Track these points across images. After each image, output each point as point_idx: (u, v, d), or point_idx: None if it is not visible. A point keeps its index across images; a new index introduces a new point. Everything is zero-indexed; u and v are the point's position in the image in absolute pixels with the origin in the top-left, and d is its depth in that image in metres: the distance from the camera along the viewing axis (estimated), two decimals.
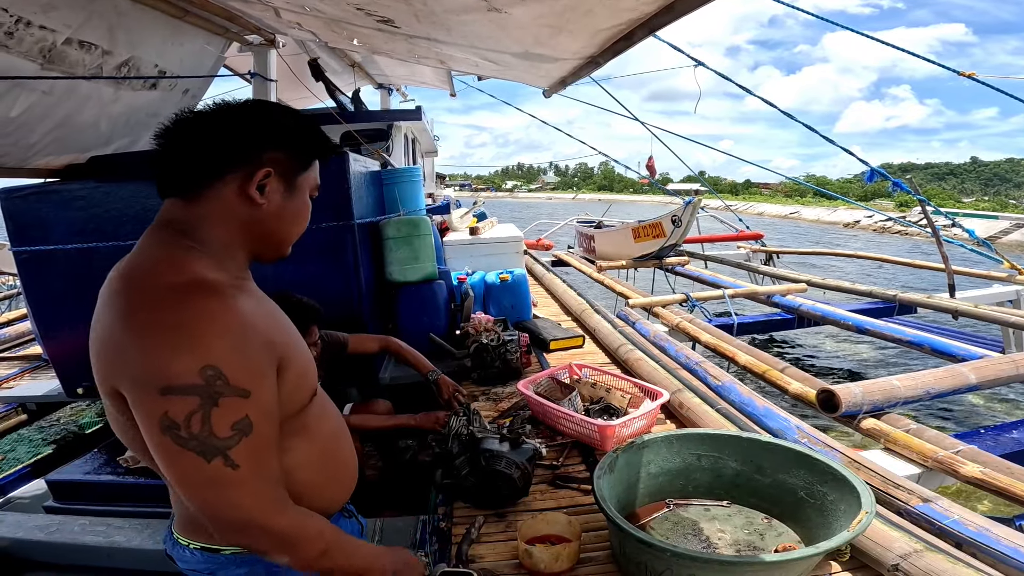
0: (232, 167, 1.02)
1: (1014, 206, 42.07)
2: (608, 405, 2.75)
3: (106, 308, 0.98)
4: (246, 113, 1.05)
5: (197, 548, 1.12)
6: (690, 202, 8.40)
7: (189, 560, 1.15)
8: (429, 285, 3.81)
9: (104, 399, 1.02)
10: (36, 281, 3.26)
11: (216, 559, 1.11)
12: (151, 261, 0.98)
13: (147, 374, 0.90)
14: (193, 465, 0.91)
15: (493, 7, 2.23)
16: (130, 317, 0.93)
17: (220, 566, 1.12)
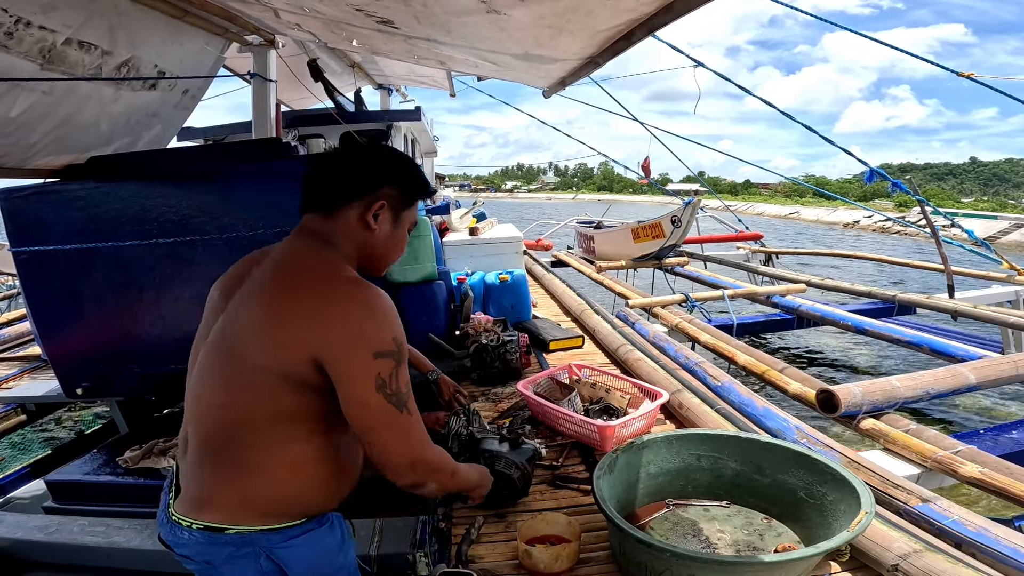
0: (358, 196, 1.28)
1: (1013, 206, 42.09)
2: (608, 405, 2.76)
3: (280, 289, 1.19)
4: (372, 154, 1.34)
5: (200, 528, 1.16)
6: (690, 202, 8.41)
7: (187, 542, 1.18)
8: (429, 285, 3.81)
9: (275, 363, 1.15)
10: (35, 281, 3.26)
11: (219, 538, 1.16)
12: (318, 259, 1.23)
13: (363, 340, 1.14)
14: (393, 415, 1.16)
15: (493, 9, 2.23)
16: (335, 299, 1.16)
17: (221, 545, 1.16)
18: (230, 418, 1.18)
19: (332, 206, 1.29)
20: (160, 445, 3.08)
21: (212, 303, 1.37)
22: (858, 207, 14.30)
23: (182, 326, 3.28)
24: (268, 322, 1.16)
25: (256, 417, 1.17)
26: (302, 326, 1.13)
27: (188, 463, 1.24)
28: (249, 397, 1.16)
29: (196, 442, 1.22)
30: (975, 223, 21.54)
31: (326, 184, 1.30)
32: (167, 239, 3.14)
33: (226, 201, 3.14)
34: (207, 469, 1.21)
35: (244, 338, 1.18)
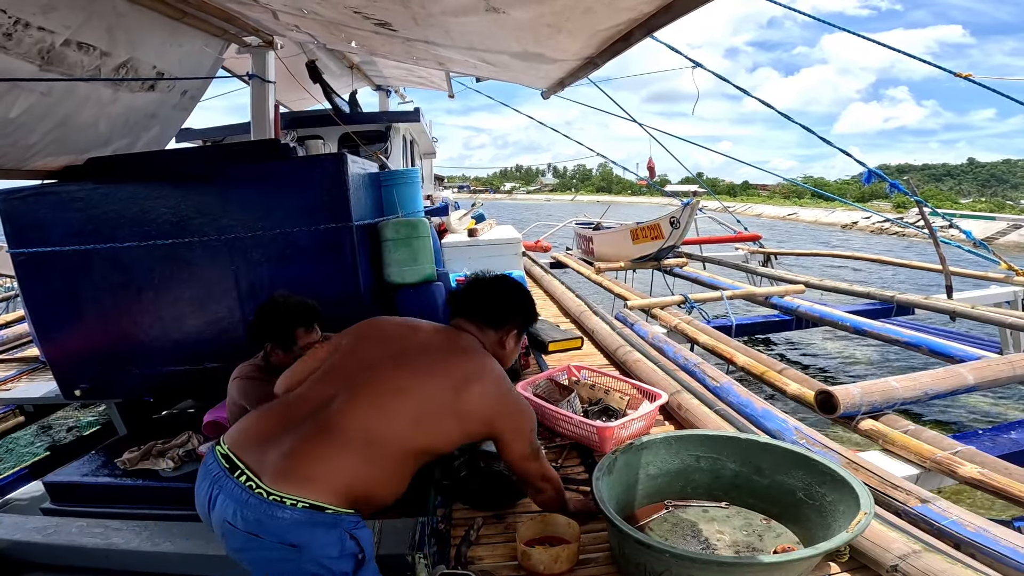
0: (503, 327, 1.85)
1: (1011, 207, 42.15)
2: (607, 407, 2.76)
3: (479, 384, 1.64)
4: (516, 294, 1.91)
5: (305, 506, 1.37)
6: (688, 203, 8.41)
7: (284, 520, 1.36)
8: (428, 287, 3.80)
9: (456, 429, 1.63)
10: (34, 283, 3.25)
11: (318, 516, 1.38)
12: (489, 359, 1.75)
13: (525, 423, 1.76)
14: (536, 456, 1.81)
15: (492, 7, 2.23)
16: (509, 396, 1.73)
17: (317, 524, 1.37)
18: (387, 436, 1.51)
19: (487, 324, 1.83)
20: (159, 446, 3.07)
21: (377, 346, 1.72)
22: (856, 208, 14.32)
23: (181, 327, 3.28)
24: (458, 391, 1.60)
25: (416, 447, 1.56)
26: (491, 414, 1.65)
27: (296, 445, 1.45)
28: (423, 434, 1.56)
29: (329, 435, 1.47)
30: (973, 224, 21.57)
31: (488, 311, 1.84)
32: (166, 240, 3.14)
33: (225, 202, 3.14)
34: (331, 458, 1.45)
35: (427, 390, 1.59)
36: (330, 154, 3.35)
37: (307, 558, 1.37)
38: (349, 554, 1.41)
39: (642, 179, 10.31)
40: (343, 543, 1.40)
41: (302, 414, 1.53)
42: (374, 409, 1.53)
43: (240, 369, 2.59)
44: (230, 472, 1.43)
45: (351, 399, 1.54)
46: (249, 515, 1.37)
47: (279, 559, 1.38)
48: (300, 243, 3.16)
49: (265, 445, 1.47)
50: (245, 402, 2.47)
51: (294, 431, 1.49)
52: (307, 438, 1.47)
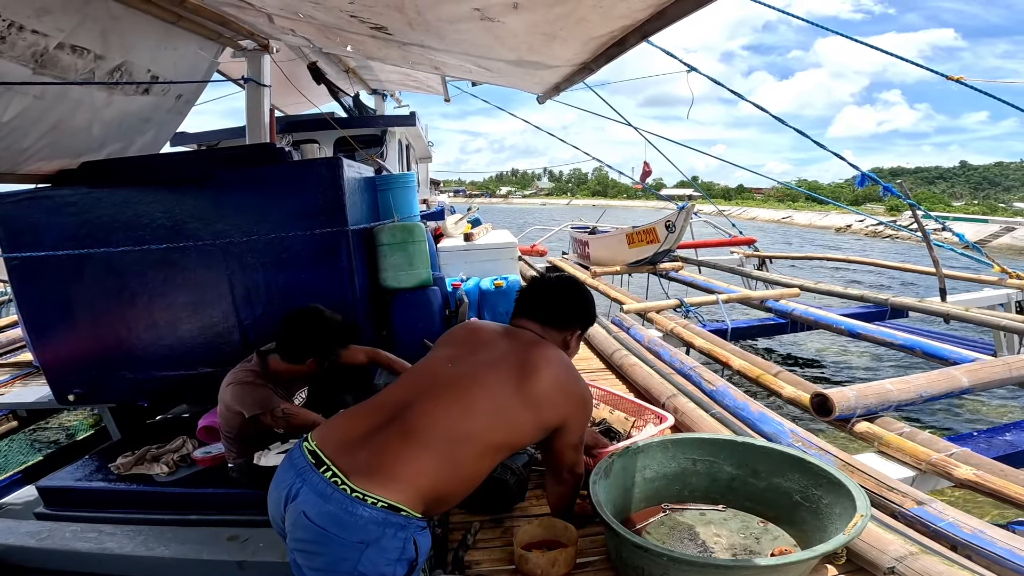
0: (567, 327, 1.90)
1: (1004, 209, 42.40)
2: (609, 427, 2.70)
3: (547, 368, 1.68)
4: (583, 297, 1.94)
5: (384, 506, 1.39)
6: (684, 207, 8.44)
7: (362, 518, 1.38)
8: (423, 291, 3.80)
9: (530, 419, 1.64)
10: (27, 287, 3.24)
11: (393, 517, 1.39)
12: (554, 348, 1.80)
13: (587, 412, 1.83)
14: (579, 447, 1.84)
15: (486, 16, 2.24)
16: (578, 382, 1.76)
17: (389, 525, 1.39)
18: (465, 433, 1.54)
19: (550, 325, 1.87)
20: (153, 451, 3.06)
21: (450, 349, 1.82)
22: (850, 211, 14.39)
23: (175, 332, 3.27)
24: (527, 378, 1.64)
25: (493, 443, 1.58)
26: (561, 400, 1.69)
27: (382, 446, 1.49)
28: (498, 429, 1.59)
29: (411, 437, 1.50)
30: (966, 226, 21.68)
31: (557, 313, 1.88)
32: (160, 245, 3.13)
33: (219, 207, 3.13)
34: (413, 459, 1.47)
35: (499, 383, 1.63)
36: (325, 158, 3.35)
37: (367, 559, 1.38)
38: (406, 559, 1.43)
39: (637, 183, 10.32)
40: (405, 546, 1.42)
41: (386, 417, 1.56)
42: (454, 406, 1.57)
43: (233, 375, 2.58)
44: (316, 467, 1.45)
45: (432, 399, 1.58)
46: (329, 510, 1.39)
47: (340, 558, 1.39)
48: (295, 247, 3.15)
49: (353, 445, 1.51)
50: (242, 407, 2.46)
51: (380, 432, 1.52)
52: (392, 439, 1.50)
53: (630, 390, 3.55)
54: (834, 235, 32.95)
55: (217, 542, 2.33)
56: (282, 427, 2.49)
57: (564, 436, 1.74)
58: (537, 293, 1.92)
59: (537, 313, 1.88)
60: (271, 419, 2.45)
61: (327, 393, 3.08)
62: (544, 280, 1.98)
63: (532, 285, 1.97)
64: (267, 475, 2.42)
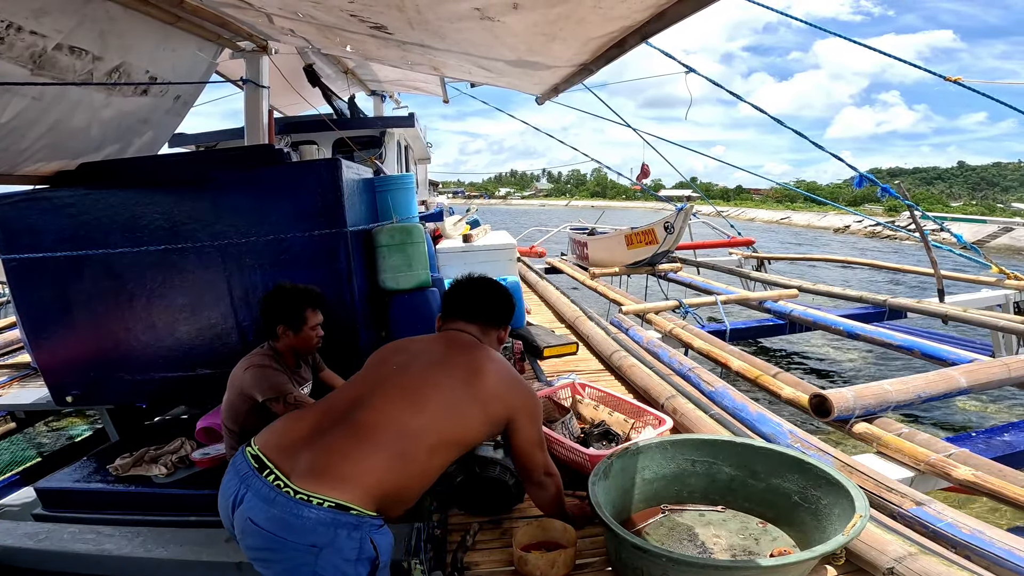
0: (501, 325, 1.98)
1: (1002, 210, 42.46)
2: (608, 430, 2.68)
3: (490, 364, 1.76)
4: (509, 297, 2.01)
5: (330, 506, 1.38)
6: (682, 208, 8.44)
7: (309, 520, 1.36)
8: (422, 292, 3.80)
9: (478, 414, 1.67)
10: (25, 289, 3.23)
11: (342, 517, 1.38)
12: (493, 350, 1.88)
13: (536, 406, 1.85)
14: (543, 443, 1.86)
15: (486, 16, 2.24)
16: (520, 380, 1.84)
17: (340, 525, 1.38)
18: (415, 429, 1.55)
19: (487, 325, 1.93)
20: (151, 452, 3.06)
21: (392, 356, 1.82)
22: (848, 212, 14.41)
23: (173, 334, 3.27)
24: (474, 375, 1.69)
25: (443, 438, 1.59)
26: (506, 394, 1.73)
27: (328, 447, 1.49)
28: (448, 424, 1.60)
29: (359, 435, 1.51)
30: (964, 227, 21.73)
31: (489, 314, 1.94)
32: (158, 246, 3.13)
33: (218, 208, 3.13)
34: (361, 457, 1.47)
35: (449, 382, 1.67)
36: (324, 159, 3.34)
37: (324, 561, 1.37)
38: (366, 558, 1.42)
39: (636, 184, 10.33)
40: (362, 546, 1.40)
41: (332, 418, 1.57)
42: (406, 403, 1.59)
43: (250, 358, 2.59)
44: (259, 472, 1.45)
45: (382, 397, 1.60)
46: (275, 514, 1.38)
47: (297, 563, 1.38)
48: (294, 249, 3.15)
49: (296, 447, 1.50)
50: (257, 391, 2.46)
51: (326, 433, 1.52)
52: (339, 439, 1.50)
53: (629, 391, 3.55)
54: (832, 236, 32.99)
55: (216, 543, 2.32)
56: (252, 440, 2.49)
57: (522, 433, 1.78)
58: (469, 295, 1.96)
59: (473, 315, 1.92)
60: (282, 406, 2.45)
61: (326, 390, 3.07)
62: (471, 282, 2.02)
63: (461, 287, 2.00)
64: None
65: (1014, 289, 6.71)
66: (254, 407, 2.50)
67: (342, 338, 3.24)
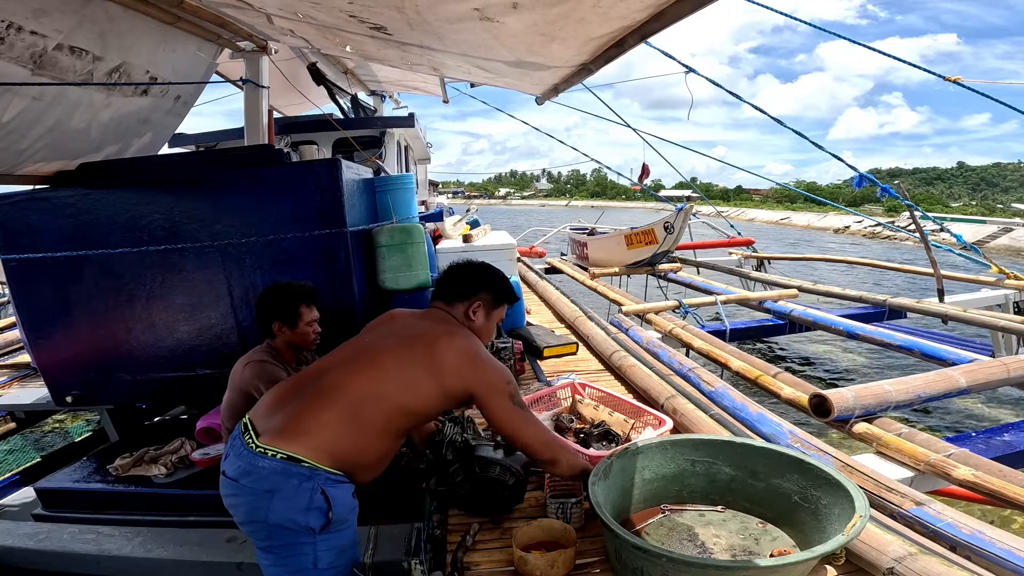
0: (465, 298, 1.99)
1: (1002, 210, 42.44)
2: (608, 431, 2.68)
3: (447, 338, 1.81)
4: (477, 271, 2.06)
5: (283, 457, 1.54)
6: (682, 208, 8.44)
7: (263, 469, 1.55)
8: (422, 293, 3.80)
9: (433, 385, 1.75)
10: (25, 289, 3.24)
11: (293, 467, 1.54)
12: (458, 326, 1.92)
13: (499, 379, 1.82)
14: (524, 417, 1.86)
15: (486, 16, 2.24)
16: (479, 354, 1.83)
17: (291, 475, 1.54)
18: (372, 394, 1.67)
19: (453, 300, 1.99)
20: (151, 453, 3.06)
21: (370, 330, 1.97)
22: (848, 212, 14.41)
23: (173, 334, 3.27)
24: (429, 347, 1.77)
25: (398, 404, 1.70)
26: (455, 354, 1.77)
27: (295, 409, 1.66)
28: (403, 392, 1.71)
29: (321, 398, 1.66)
30: (964, 227, 21.72)
31: (451, 288, 2.00)
32: (158, 246, 3.13)
33: (218, 208, 3.13)
34: (318, 416, 1.63)
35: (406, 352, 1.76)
36: (324, 160, 3.35)
37: (276, 508, 1.54)
38: (316, 508, 1.55)
39: (636, 184, 10.33)
40: (312, 496, 1.54)
41: (304, 382, 1.76)
42: (365, 369, 1.73)
43: (250, 355, 2.61)
44: (242, 434, 1.65)
45: (344, 366, 1.76)
46: (239, 465, 1.59)
47: (254, 507, 1.57)
48: (294, 249, 3.15)
49: (274, 411, 1.69)
50: (260, 382, 2.48)
51: (296, 396, 1.70)
52: (305, 400, 1.67)
53: (629, 391, 3.55)
54: (832, 236, 32.99)
55: (216, 543, 2.32)
56: None
57: (492, 408, 1.82)
58: (442, 276, 2.08)
59: (443, 293, 2.03)
60: None
61: None
62: (450, 265, 2.11)
63: (442, 272, 2.12)
64: None
65: (1014, 289, 6.71)
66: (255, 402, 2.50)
67: (342, 338, 3.23)
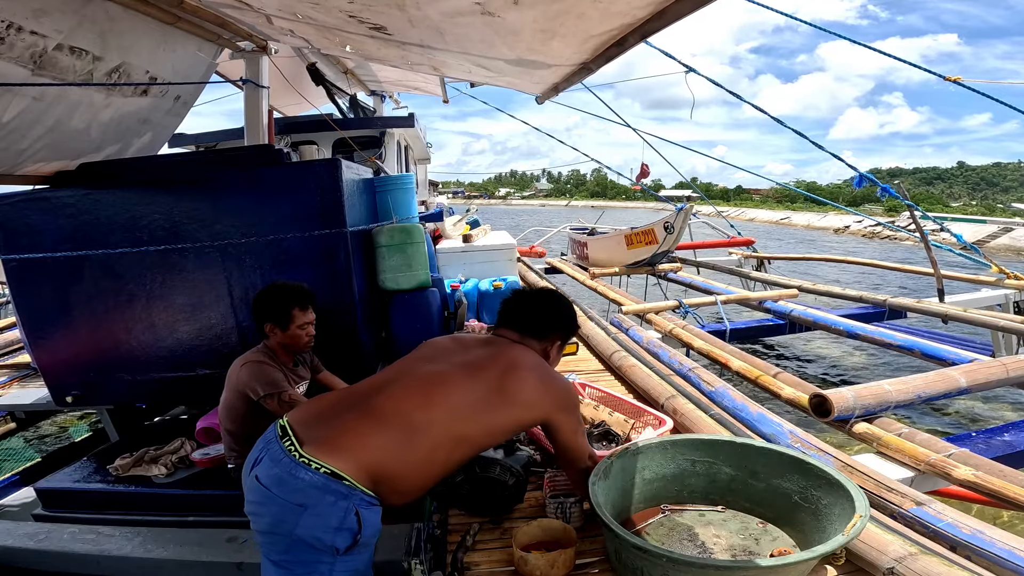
0: (546, 337, 1.94)
1: (1002, 210, 42.43)
2: (608, 430, 2.69)
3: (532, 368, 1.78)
4: (556, 308, 1.99)
5: (326, 471, 1.45)
6: (682, 208, 8.44)
7: (302, 481, 1.45)
8: (422, 293, 3.80)
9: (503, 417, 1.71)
10: (25, 289, 3.23)
11: (333, 484, 1.45)
12: (532, 352, 1.86)
13: (573, 400, 1.87)
14: (582, 432, 1.92)
15: (487, 11, 2.24)
16: (546, 378, 1.80)
17: (329, 491, 1.44)
18: (427, 421, 1.60)
19: (529, 334, 1.92)
20: (151, 453, 3.06)
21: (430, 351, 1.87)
22: (847, 212, 14.40)
23: (173, 334, 3.27)
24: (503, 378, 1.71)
25: (455, 434, 1.63)
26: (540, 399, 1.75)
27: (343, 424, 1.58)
28: (462, 422, 1.64)
29: (371, 418, 1.59)
30: (964, 227, 21.71)
31: (527, 319, 1.94)
32: (158, 247, 3.13)
33: (217, 208, 3.13)
34: (367, 437, 1.55)
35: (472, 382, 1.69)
36: (324, 160, 3.35)
37: (305, 523, 1.44)
38: (347, 529, 1.47)
39: (635, 184, 10.34)
40: (345, 516, 1.46)
41: (352, 400, 1.68)
42: (418, 396, 1.65)
43: (247, 356, 2.61)
44: (280, 439, 1.55)
45: (400, 387, 1.68)
46: (276, 472, 1.48)
47: (280, 519, 1.46)
48: (294, 249, 3.15)
49: (316, 421, 1.61)
50: (257, 383, 2.47)
51: (343, 412, 1.62)
52: (351, 417, 1.60)
53: (629, 391, 3.55)
54: (832, 236, 32.98)
55: (216, 543, 2.32)
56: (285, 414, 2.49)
57: (562, 430, 1.82)
58: (517, 304, 1.99)
59: (516, 323, 1.94)
60: (277, 404, 2.45)
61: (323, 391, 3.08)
62: (525, 292, 2.05)
63: (513, 297, 2.03)
64: None
65: (1014, 289, 6.71)
66: (252, 406, 2.50)
67: (342, 338, 3.24)
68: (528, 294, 2.03)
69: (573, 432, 1.86)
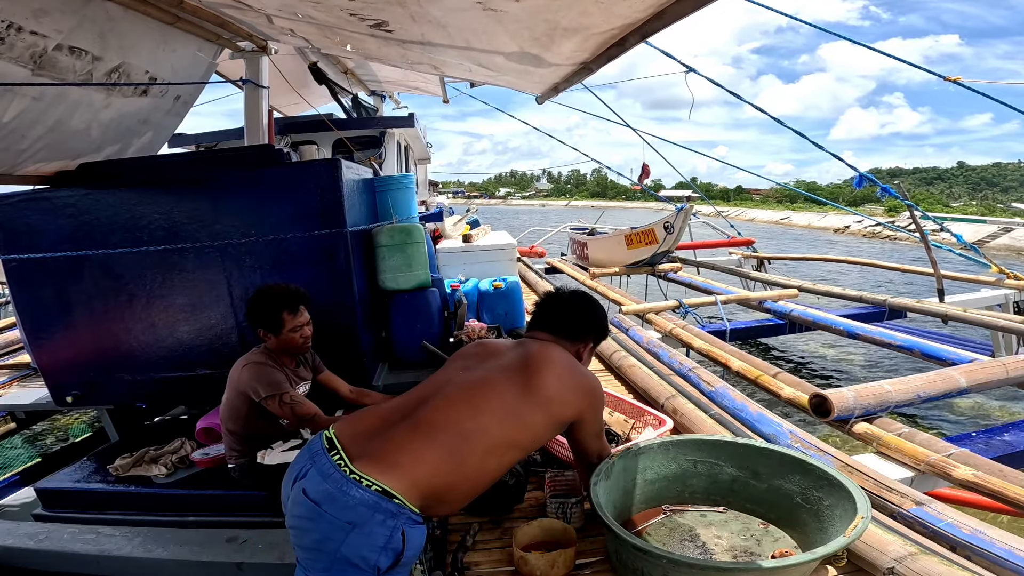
0: (579, 340, 1.96)
1: (1002, 210, 42.41)
2: (608, 431, 2.68)
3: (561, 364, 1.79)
4: (589, 312, 2.01)
5: (377, 489, 1.43)
6: (682, 208, 8.44)
7: (353, 498, 1.43)
8: (422, 293, 3.80)
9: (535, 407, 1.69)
10: (25, 289, 3.23)
11: (384, 503, 1.43)
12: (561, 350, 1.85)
13: (599, 401, 1.86)
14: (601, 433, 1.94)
15: (489, 7, 2.24)
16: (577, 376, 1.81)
17: (379, 510, 1.42)
18: (473, 429, 1.59)
19: (564, 336, 1.93)
20: (151, 453, 3.06)
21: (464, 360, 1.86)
22: (848, 212, 14.40)
23: (173, 334, 3.27)
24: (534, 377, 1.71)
25: (503, 439, 1.63)
26: (571, 396, 1.75)
27: (392, 438, 1.57)
28: (507, 426, 1.64)
29: (419, 431, 1.57)
30: (964, 227, 21.71)
31: (560, 321, 1.95)
32: (158, 246, 3.13)
33: (217, 208, 3.13)
34: (417, 452, 1.53)
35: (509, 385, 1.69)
36: (324, 160, 3.35)
37: (352, 542, 1.42)
38: (392, 549, 1.45)
39: (636, 184, 10.33)
40: (392, 535, 1.44)
41: (401, 413, 1.65)
42: (464, 404, 1.65)
43: (248, 356, 2.60)
44: (328, 451, 1.52)
45: (444, 398, 1.66)
46: (325, 488, 1.45)
47: (327, 536, 1.44)
48: (293, 249, 3.15)
49: (366, 435, 1.59)
50: (259, 384, 2.47)
51: (392, 427, 1.61)
52: (401, 433, 1.58)
53: (629, 391, 3.55)
54: (833, 236, 32.97)
55: (216, 543, 2.32)
56: (287, 415, 2.49)
57: (584, 428, 1.84)
58: (550, 306, 2.00)
59: (549, 324, 1.95)
60: (278, 405, 2.45)
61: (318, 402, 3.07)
62: (558, 294, 2.06)
63: (546, 299, 2.05)
64: (269, 475, 2.43)
65: (1014, 289, 6.71)
66: (253, 406, 2.50)
67: (342, 338, 3.24)
68: (562, 296, 2.04)
69: (594, 434, 1.89)
